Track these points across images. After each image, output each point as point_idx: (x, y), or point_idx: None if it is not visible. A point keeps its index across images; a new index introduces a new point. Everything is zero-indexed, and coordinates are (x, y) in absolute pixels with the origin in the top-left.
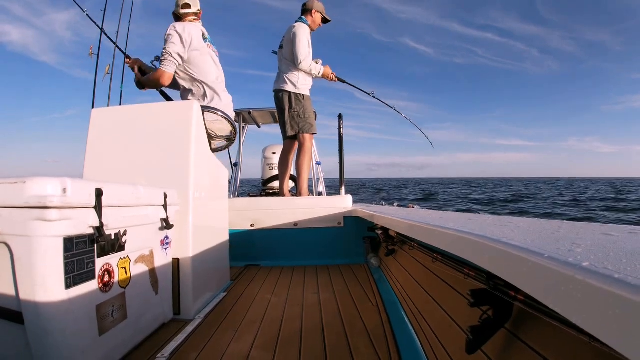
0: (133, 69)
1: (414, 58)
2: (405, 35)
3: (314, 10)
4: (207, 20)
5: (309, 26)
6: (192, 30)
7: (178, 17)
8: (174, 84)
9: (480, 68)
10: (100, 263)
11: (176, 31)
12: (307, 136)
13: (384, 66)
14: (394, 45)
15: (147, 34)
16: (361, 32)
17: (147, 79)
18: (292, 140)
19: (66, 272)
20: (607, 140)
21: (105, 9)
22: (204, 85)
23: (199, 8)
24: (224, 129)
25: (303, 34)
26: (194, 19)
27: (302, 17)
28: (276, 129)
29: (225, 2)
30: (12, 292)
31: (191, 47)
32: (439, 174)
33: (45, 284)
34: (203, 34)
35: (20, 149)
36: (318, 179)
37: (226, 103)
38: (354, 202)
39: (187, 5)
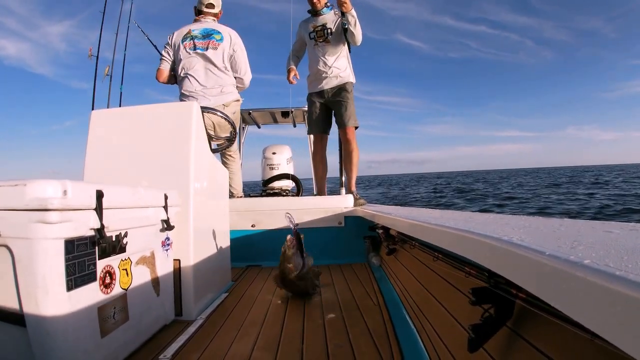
0: None
1: (409, 54)
2: (398, 31)
3: None
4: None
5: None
6: (175, 33)
7: (197, 12)
8: (171, 81)
9: (475, 61)
10: (101, 265)
11: (167, 39)
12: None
13: (378, 63)
14: (387, 42)
15: (145, 42)
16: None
17: None
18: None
19: (67, 274)
20: (606, 127)
21: (104, 10)
22: (177, 79)
23: (220, 9)
24: (224, 129)
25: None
26: (203, 17)
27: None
28: (275, 129)
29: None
30: (13, 294)
31: (173, 47)
32: (440, 168)
33: (47, 286)
34: (188, 32)
35: (20, 162)
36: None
37: (189, 89)
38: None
39: (211, 5)
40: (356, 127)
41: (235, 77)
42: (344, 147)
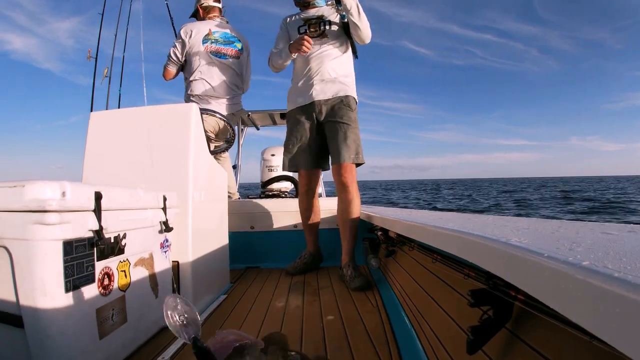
0: None
1: (414, 60)
2: (404, 38)
3: None
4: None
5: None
6: (192, 30)
7: (205, 9)
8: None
9: (480, 69)
10: (99, 266)
11: (180, 33)
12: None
13: (384, 69)
14: (393, 48)
15: (150, 41)
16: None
17: None
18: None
19: (66, 276)
20: (610, 139)
21: (103, 12)
22: (187, 80)
23: (223, 5)
24: (223, 131)
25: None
26: (215, 15)
27: None
28: (275, 131)
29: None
30: (11, 295)
31: (189, 45)
32: (443, 175)
33: (45, 287)
34: (208, 34)
35: (26, 157)
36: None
37: (202, 93)
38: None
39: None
40: (358, 164)
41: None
42: (338, 196)
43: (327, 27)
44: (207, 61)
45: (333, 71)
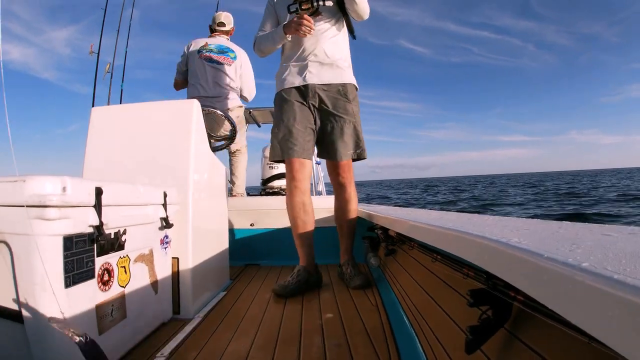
0: None
1: (411, 59)
2: (401, 37)
3: None
4: (196, 33)
5: None
6: (192, 44)
7: (211, 30)
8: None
9: (477, 66)
10: (99, 262)
11: (184, 49)
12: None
13: (381, 68)
14: (390, 48)
15: (147, 47)
16: (356, 36)
17: None
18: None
19: (66, 271)
20: (608, 131)
21: (106, 7)
22: (187, 86)
23: (232, 26)
24: (224, 128)
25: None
26: (217, 34)
27: None
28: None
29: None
30: (11, 290)
31: (188, 56)
32: (444, 173)
33: (45, 282)
34: (205, 45)
35: (23, 167)
36: (318, 179)
37: (195, 95)
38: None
39: (222, 24)
40: (357, 159)
41: (240, 95)
42: (335, 194)
43: (321, 4)
44: (201, 67)
45: (330, 52)
